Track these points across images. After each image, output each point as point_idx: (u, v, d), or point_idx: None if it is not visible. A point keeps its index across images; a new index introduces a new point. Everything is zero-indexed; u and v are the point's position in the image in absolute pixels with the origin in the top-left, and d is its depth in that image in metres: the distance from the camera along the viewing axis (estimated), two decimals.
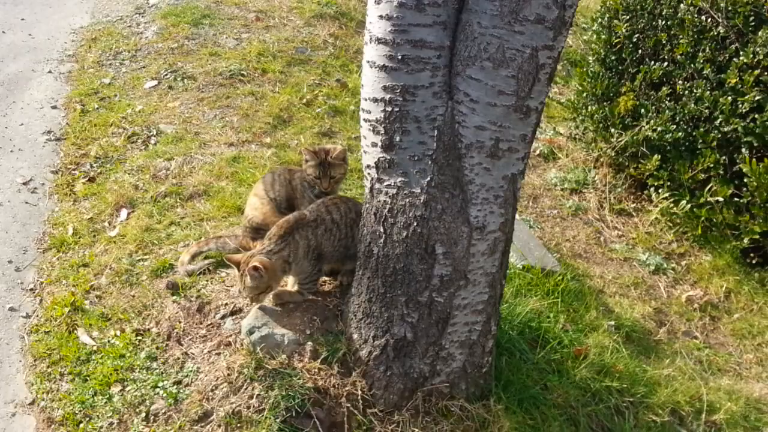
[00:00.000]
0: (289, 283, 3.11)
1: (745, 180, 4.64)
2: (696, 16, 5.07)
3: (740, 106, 4.73)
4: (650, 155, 5.34)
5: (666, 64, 5.40)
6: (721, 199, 4.86)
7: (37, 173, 4.57)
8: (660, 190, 5.38)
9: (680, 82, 5.27)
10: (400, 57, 2.47)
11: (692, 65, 5.15)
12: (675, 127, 5.20)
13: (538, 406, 3.03)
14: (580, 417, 3.12)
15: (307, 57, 6.52)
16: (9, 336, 3.32)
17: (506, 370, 3.10)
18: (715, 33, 4.96)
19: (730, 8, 4.88)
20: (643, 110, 5.51)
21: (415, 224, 2.60)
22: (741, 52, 4.74)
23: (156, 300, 3.32)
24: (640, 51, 5.65)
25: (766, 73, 4.60)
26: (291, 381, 2.68)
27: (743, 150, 4.73)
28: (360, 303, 2.83)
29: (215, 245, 3.51)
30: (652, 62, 5.48)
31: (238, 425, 2.61)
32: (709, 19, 5.01)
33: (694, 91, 5.07)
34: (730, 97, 4.77)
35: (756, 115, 4.62)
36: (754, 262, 4.89)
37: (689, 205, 5.10)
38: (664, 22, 5.35)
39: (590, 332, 3.77)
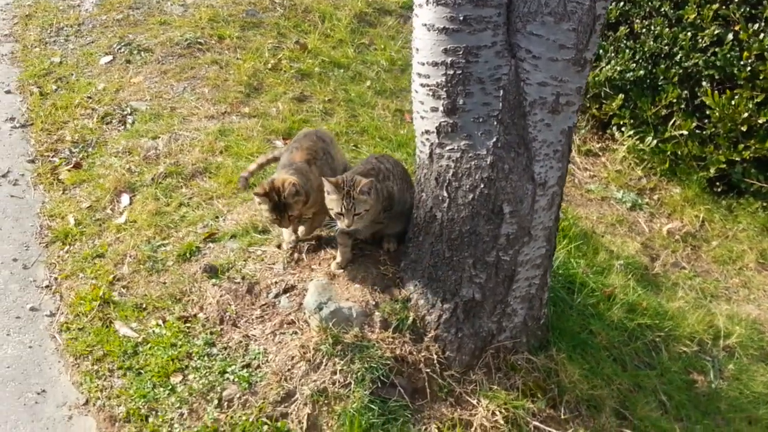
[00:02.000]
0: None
1: (708, 112, 4.86)
2: None
3: (700, 40, 4.91)
4: (613, 95, 5.49)
5: (622, 3, 5.53)
6: (685, 132, 5.07)
7: (13, 164, 4.28)
8: (623, 129, 5.56)
9: (638, 20, 5.42)
10: (461, 18, 2.45)
11: (650, 3, 5.29)
12: (635, 65, 5.36)
13: (587, 351, 3.15)
14: (625, 356, 3.27)
15: (259, 20, 6.31)
16: (39, 337, 3.15)
17: (554, 319, 3.19)
18: None
19: None
20: (601, 51, 5.64)
21: (482, 186, 2.61)
22: None
23: (193, 285, 3.22)
24: None
25: (724, 7, 4.77)
26: (370, 353, 2.68)
27: (704, 83, 4.93)
28: (423, 268, 2.84)
29: (279, 152, 3.47)
30: (609, 2, 5.59)
31: (326, 402, 2.60)
32: None
33: (653, 28, 5.23)
34: (689, 33, 4.94)
35: (716, 49, 4.81)
36: (719, 190, 5.16)
37: (655, 141, 5.31)
38: None
39: (607, 273, 3.92)
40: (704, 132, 4.98)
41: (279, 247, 3.29)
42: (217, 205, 3.75)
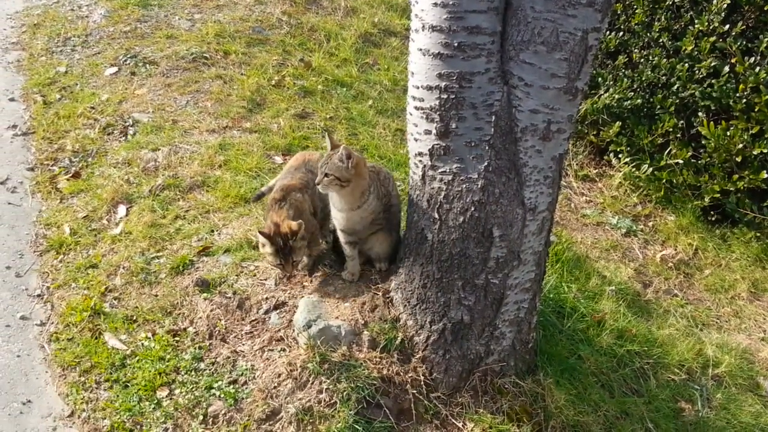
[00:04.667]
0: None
1: (704, 142, 4.90)
2: None
3: (696, 72, 4.97)
4: (611, 122, 5.54)
5: (622, 33, 5.59)
6: (680, 161, 5.11)
7: (12, 172, 4.31)
8: (620, 155, 5.60)
9: (636, 50, 5.48)
10: (456, 44, 2.48)
11: (648, 34, 5.35)
12: (633, 94, 5.41)
13: (575, 376, 3.16)
14: (612, 383, 3.27)
15: (265, 37, 6.38)
16: (28, 346, 3.16)
17: (543, 343, 3.20)
18: (671, 2, 5.16)
19: None
20: (600, 79, 5.69)
21: (472, 209, 2.63)
22: (696, 20, 4.96)
23: (184, 298, 3.23)
24: None
25: (721, 40, 4.83)
26: (357, 372, 2.69)
27: (700, 114, 4.97)
28: (413, 289, 2.86)
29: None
30: (608, 32, 5.65)
31: (311, 421, 2.61)
32: None
33: (651, 58, 5.29)
34: (686, 64, 5.00)
35: (713, 80, 4.86)
36: (713, 219, 5.18)
37: (650, 169, 5.35)
38: None
39: (598, 299, 3.93)
40: (699, 161, 5.02)
41: None
42: (213, 219, 3.77)
